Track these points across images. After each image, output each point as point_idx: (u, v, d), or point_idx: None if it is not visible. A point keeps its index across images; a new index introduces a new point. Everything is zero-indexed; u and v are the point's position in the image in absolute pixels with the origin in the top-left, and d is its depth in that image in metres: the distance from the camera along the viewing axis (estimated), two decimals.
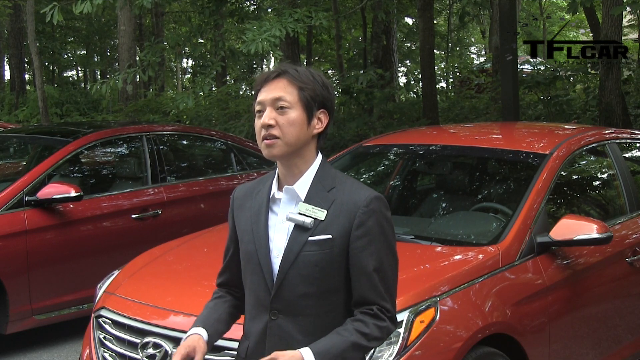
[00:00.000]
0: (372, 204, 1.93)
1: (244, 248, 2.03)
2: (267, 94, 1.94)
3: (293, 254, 1.93)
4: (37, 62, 13.67)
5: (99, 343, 3.25)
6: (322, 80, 1.98)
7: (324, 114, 1.98)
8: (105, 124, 6.88)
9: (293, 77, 1.94)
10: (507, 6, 7.90)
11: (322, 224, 1.92)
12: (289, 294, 1.94)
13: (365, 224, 1.91)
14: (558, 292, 3.34)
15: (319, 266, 1.92)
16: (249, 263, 2.02)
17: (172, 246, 3.95)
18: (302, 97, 1.93)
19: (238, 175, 6.23)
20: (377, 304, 1.93)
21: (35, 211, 4.91)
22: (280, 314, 1.95)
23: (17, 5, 18.83)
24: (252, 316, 2.03)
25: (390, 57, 14.99)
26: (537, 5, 24.19)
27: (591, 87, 11.55)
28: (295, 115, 1.92)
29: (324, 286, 1.94)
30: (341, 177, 2.01)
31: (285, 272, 1.94)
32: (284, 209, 1.98)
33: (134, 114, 13.90)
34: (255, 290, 2.00)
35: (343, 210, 1.93)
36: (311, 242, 1.92)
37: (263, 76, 1.99)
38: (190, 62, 26.61)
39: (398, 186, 4.67)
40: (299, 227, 1.93)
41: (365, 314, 1.93)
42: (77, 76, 29.64)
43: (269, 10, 12.80)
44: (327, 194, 1.95)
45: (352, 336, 1.89)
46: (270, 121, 1.92)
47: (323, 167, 2.00)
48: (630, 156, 4.66)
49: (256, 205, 2.03)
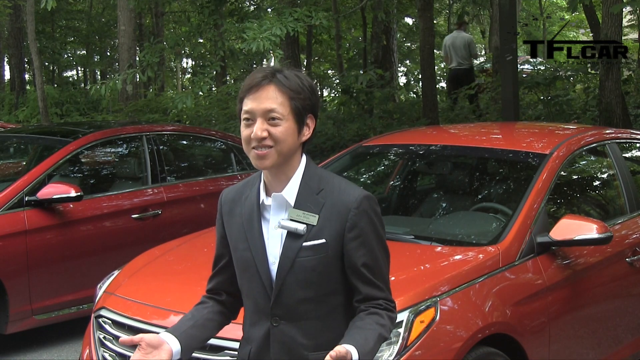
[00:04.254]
0: (362, 204, 1.93)
1: (239, 256, 2.01)
2: (257, 104, 1.89)
3: (289, 260, 1.92)
4: (37, 62, 13.65)
5: (99, 343, 3.25)
6: (309, 85, 1.95)
7: (311, 119, 1.96)
8: (105, 124, 6.88)
9: (282, 84, 1.90)
10: (507, 6, 7.90)
11: (315, 228, 1.92)
12: (289, 300, 1.94)
13: (357, 225, 1.92)
14: (558, 292, 3.34)
15: (316, 271, 1.92)
16: (246, 271, 2.00)
17: (172, 246, 3.95)
18: (293, 107, 1.90)
19: (238, 175, 6.23)
20: (383, 298, 1.96)
21: (35, 211, 4.91)
22: (282, 319, 1.95)
23: (17, 5, 18.82)
24: (253, 322, 2.02)
25: (390, 57, 14.99)
26: (537, 5, 24.18)
27: (591, 87, 11.53)
28: (287, 125, 1.90)
29: (322, 289, 1.94)
30: (327, 177, 1.99)
31: (282, 278, 1.93)
32: (275, 216, 1.96)
33: (134, 114, 13.89)
34: (254, 297, 2.00)
35: (334, 212, 1.92)
36: (306, 247, 1.92)
37: (250, 81, 1.92)
38: (190, 62, 26.60)
39: (398, 186, 4.68)
40: (292, 234, 1.92)
41: (376, 307, 1.95)
42: (77, 76, 29.61)
43: (269, 10, 12.80)
44: (317, 197, 1.94)
45: (377, 329, 1.91)
46: (264, 134, 1.88)
47: (308, 169, 1.98)
48: (630, 156, 4.66)
49: (246, 211, 2.01)
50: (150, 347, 1.91)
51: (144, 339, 1.90)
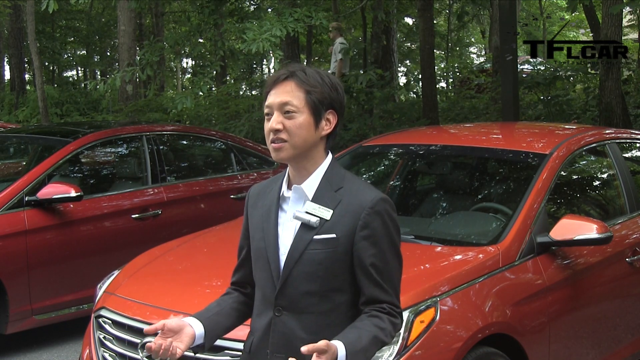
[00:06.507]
0: (377, 205, 1.95)
1: (255, 245, 2.07)
2: (274, 98, 1.97)
3: (298, 251, 1.96)
4: (37, 62, 13.66)
5: (99, 343, 3.25)
6: (330, 82, 2.00)
7: (332, 114, 2.00)
8: (105, 124, 6.88)
9: (301, 80, 1.97)
10: (507, 6, 7.90)
11: (328, 223, 1.95)
12: (293, 291, 1.96)
13: (370, 225, 1.94)
14: (558, 292, 3.34)
15: (322, 265, 1.94)
16: (259, 260, 2.05)
17: (172, 246, 3.95)
18: (309, 101, 1.96)
19: (238, 175, 6.23)
20: (387, 302, 1.97)
21: (35, 211, 4.91)
22: (284, 310, 1.98)
23: (17, 5, 18.82)
24: (259, 312, 2.06)
25: (390, 57, 14.98)
26: (537, 5, 24.18)
27: (591, 87, 11.54)
28: (302, 119, 1.95)
29: (327, 285, 1.96)
30: (350, 178, 2.04)
31: (290, 269, 1.96)
32: (293, 207, 2.01)
33: (134, 114, 13.89)
34: (263, 287, 2.04)
35: (349, 210, 1.95)
36: (316, 240, 1.95)
37: (272, 78, 2.01)
38: (190, 62, 26.60)
39: (398, 186, 4.67)
40: (305, 226, 1.96)
41: (378, 311, 1.95)
42: (77, 76, 29.62)
43: (269, 10, 12.79)
44: (335, 194, 1.98)
45: (374, 330, 1.91)
46: (278, 125, 1.95)
47: (332, 167, 2.03)
48: (630, 156, 4.66)
49: (267, 203, 2.07)
50: (171, 331, 1.95)
51: (166, 324, 1.94)
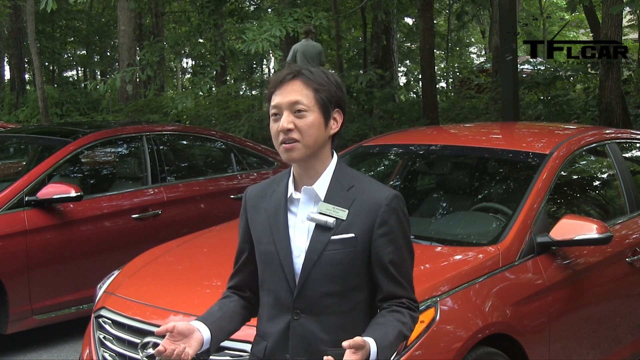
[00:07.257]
0: (393, 202, 1.96)
1: (263, 249, 2.03)
2: (283, 97, 1.94)
3: (316, 253, 1.94)
4: (37, 62, 13.67)
5: (99, 343, 3.25)
6: (335, 80, 2.00)
7: (339, 113, 2.00)
8: (105, 124, 6.88)
9: (308, 78, 1.95)
10: (507, 6, 7.90)
11: (344, 223, 1.95)
12: (312, 293, 1.95)
13: (387, 222, 1.95)
14: (558, 292, 3.34)
15: (342, 264, 1.94)
16: (269, 264, 2.01)
17: (172, 246, 3.95)
18: (318, 99, 1.94)
19: (238, 175, 6.23)
20: (406, 297, 1.98)
21: (35, 211, 4.91)
22: (303, 313, 1.96)
23: (17, 5, 18.83)
24: (271, 316, 2.02)
25: (390, 57, 15.00)
26: (537, 5, 24.19)
27: (591, 87, 11.55)
28: (313, 118, 1.93)
29: (347, 284, 1.96)
30: (358, 176, 2.04)
31: (308, 271, 1.95)
32: (303, 209, 1.99)
33: (134, 114, 13.90)
34: (275, 291, 2.00)
35: (364, 209, 1.95)
36: (334, 241, 1.94)
37: (277, 78, 1.99)
38: (190, 62, 26.60)
39: (398, 186, 4.67)
40: (320, 227, 1.95)
41: (399, 306, 1.97)
42: (77, 76, 29.63)
43: (269, 10, 12.80)
44: (347, 193, 1.97)
45: (398, 326, 1.92)
46: (289, 125, 1.92)
47: (340, 166, 2.02)
48: (630, 156, 4.66)
49: (273, 206, 2.03)
50: (180, 335, 1.90)
51: (177, 327, 1.90)
